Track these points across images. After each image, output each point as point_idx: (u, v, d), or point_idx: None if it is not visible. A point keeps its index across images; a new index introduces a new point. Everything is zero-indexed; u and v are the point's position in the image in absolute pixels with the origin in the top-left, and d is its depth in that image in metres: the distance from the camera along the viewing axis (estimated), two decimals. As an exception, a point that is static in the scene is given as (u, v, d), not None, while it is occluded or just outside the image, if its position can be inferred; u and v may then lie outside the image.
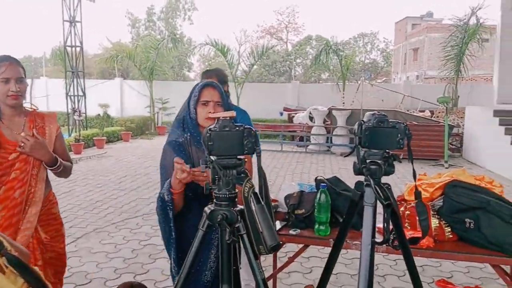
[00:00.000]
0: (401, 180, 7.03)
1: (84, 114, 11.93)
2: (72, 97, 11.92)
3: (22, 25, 72.89)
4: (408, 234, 2.02)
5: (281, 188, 2.90)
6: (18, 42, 70.14)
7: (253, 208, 1.11)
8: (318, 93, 15.66)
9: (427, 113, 12.65)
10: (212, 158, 1.22)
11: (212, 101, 1.72)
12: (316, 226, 2.36)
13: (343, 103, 13.83)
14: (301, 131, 12.16)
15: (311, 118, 11.95)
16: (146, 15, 32.80)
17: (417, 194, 1.40)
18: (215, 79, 2.71)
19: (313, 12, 71.69)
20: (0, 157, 1.93)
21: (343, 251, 2.11)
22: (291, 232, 2.37)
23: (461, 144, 10.83)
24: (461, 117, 11.91)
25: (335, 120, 11.41)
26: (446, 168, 8.86)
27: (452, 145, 10.71)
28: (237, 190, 1.25)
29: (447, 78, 14.10)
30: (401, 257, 1.51)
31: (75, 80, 11.94)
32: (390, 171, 1.38)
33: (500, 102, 11.11)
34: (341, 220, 2.45)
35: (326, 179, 2.63)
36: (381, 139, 1.36)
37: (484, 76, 25.17)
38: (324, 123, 11.62)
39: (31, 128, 2.01)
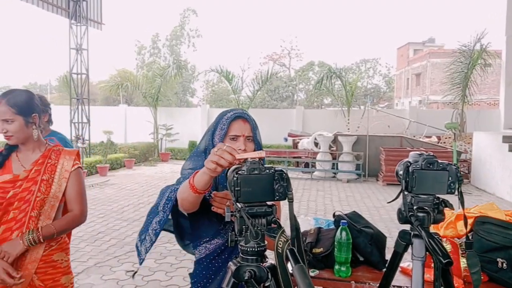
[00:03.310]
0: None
1: (87, 141, 11.84)
2: (76, 124, 11.86)
3: (28, 52, 74.17)
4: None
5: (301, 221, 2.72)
6: (24, 69, 71.22)
7: (289, 267, 0.94)
8: (322, 119, 15.59)
9: (434, 139, 12.51)
10: (239, 205, 1.05)
11: (243, 135, 1.49)
12: (336, 267, 2.18)
13: (348, 129, 13.72)
14: (306, 157, 12.01)
15: (316, 144, 11.82)
16: (151, 42, 33.26)
17: (468, 245, 1.22)
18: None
19: (316, 39, 72.74)
20: (0, 191, 1.81)
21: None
22: (310, 273, 2.18)
23: (469, 170, 10.64)
24: (468, 143, 11.76)
25: (340, 146, 11.27)
26: (456, 195, 8.63)
27: (460, 171, 10.51)
28: (266, 243, 1.08)
29: (451, 103, 14.02)
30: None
31: (79, 107, 11.92)
32: (440, 219, 1.21)
33: (507, 127, 10.99)
34: (361, 259, 2.29)
35: (345, 215, 2.47)
36: (431, 183, 1.19)
37: (488, 101, 25.18)
38: (329, 149, 11.48)
39: (38, 164, 1.88)
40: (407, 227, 1.30)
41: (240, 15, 75.92)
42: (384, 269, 2.20)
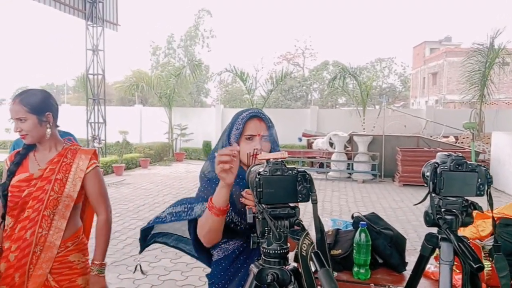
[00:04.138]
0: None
1: (103, 141, 11.98)
2: (93, 124, 12.01)
3: (45, 53, 75.46)
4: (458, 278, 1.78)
5: (311, 223, 2.69)
6: (42, 70, 72.48)
7: (312, 269, 0.91)
8: (337, 119, 15.49)
9: (451, 139, 12.30)
10: (262, 207, 1.03)
11: (258, 135, 1.48)
12: (355, 269, 2.15)
13: (364, 128, 13.59)
14: (320, 157, 11.93)
15: (331, 144, 11.73)
16: (166, 43, 33.47)
17: (497, 248, 1.18)
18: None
19: (330, 38, 72.34)
20: (16, 190, 1.83)
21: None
22: (328, 276, 2.14)
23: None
24: (487, 143, 11.53)
25: (356, 146, 11.16)
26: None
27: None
28: (289, 245, 1.06)
29: (468, 102, 13.79)
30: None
31: (96, 107, 12.06)
32: (468, 221, 1.17)
33: (527, 127, 10.75)
34: (380, 261, 2.25)
35: (364, 216, 2.43)
36: (459, 185, 1.15)
37: (506, 100, 24.69)
38: (344, 149, 11.38)
39: (53, 163, 1.89)
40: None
41: (254, 15, 76.01)
42: (404, 272, 2.17)
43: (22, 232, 1.83)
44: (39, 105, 1.86)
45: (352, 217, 2.43)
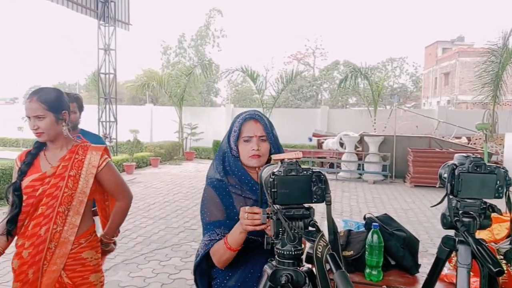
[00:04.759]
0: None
1: (114, 140, 12.06)
2: (104, 123, 12.10)
3: (57, 52, 76.30)
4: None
5: (322, 224, 2.67)
6: (53, 69, 73.30)
7: (326, 270, 0.90)
8: (347, 119, 15.38)
9: (464, 140, 12.14)
10: (276, 207, 1.02)
11: (255, 136, 1.51)
12: (367, 271, 2.13)
13: (375, 129, 13.49)
14: (331, 157, 11.86)
15: (341, 144, 11.66)
16: (177, 42, 33.59)
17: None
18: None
19: (341, 37, 71.97)
20: (30, 190, 1.85)
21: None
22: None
23: (502, 172, 10.25)
24: (500, 144, 11.36)
25: (367, 147, 11.08)
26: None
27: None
28: (303, 246, 1.05)
29: (481, 103, 13.59)
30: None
31: (107, 106, 12.15)
32: (487, 224, 1.15)
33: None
34: (393, 263, 2.22)
35: (376, 217, 2.41)
36: (478, 187, 1.13)
37: (519, 101, 24.27)
38: (355, 149, 11.30)
39: (65, 160, 1.90)
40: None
41: (264, 15, 75.94)
42: (417, 274, 2.14)
43: (36, 229, 1.84)
44: (56, 103, 1.88)
45: (364, 218, 2.41)
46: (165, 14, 69.97)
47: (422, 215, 6.95)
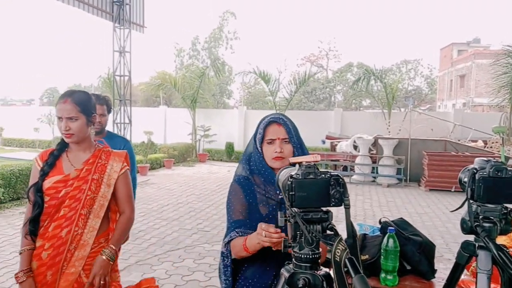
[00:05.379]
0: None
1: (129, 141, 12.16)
2: (119, 125, 12.23)
3: (72, 54, 77.45)
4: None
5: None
6: (69, 71, 74.45)
7: (344, 273, 0.89)
8: (361, 121, 15.28)
9: (480, 143, 11.94)
10: (294, 210, 1.01)
11: (278, 138, 1.59)
12: (383, 275, 2.10)
13: (389, 131, 13.36)
14: (344, 160, 11.78)
15: (355, 147, 11.58)
16: (191, 44, 33.83)
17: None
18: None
19: (355, 39, 71.55)
20: (53, 191, 1.86)
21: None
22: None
23: (519, 177, 10.05)
24: (517, 148, 11.15)
25: (381, 150, 10.98)
26: None
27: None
28: (321, 250, 1.04)
29: (497, 106, 13.36)
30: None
31: (122, 108, 12.28)
32: (507, 230, 1.12)
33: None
34: (408, 268, 2.19)
35: (392, 221, 2.38)
36: (499, 192, 1.11)
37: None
38: (369, 152, 11.21)
39: (89, 163, 1.92)
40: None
41: (278, 17, 75.94)
42: (433, 279, 2.11)
43: (57, 231, 1.86)
44: (88, 106, 1.91)
45: (380, 222, 2.39)
46: (179, 17, 70.50)
47: (437, 219, 6.85)
